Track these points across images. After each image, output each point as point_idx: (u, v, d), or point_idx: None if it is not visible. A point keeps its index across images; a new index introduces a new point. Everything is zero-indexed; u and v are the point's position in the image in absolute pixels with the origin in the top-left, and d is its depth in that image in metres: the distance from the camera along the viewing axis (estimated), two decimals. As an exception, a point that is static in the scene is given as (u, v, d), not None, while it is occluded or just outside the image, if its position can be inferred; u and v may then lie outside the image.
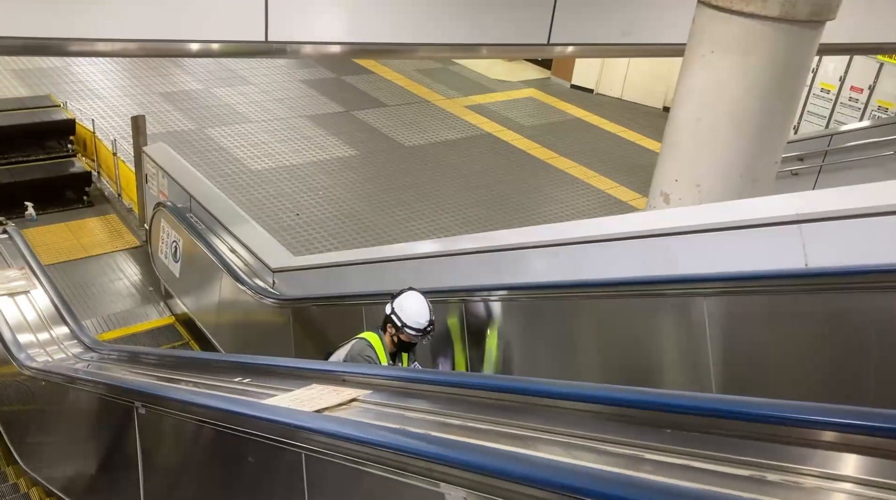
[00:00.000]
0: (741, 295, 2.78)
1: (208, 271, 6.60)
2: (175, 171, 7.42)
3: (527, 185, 10.75)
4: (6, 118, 8.76)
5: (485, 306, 3.94)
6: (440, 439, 1.78)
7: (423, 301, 3.76)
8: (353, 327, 4.74)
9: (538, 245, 3.72)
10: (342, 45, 4.77)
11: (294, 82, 13.60)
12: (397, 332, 3.78)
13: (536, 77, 15.43)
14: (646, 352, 3.25)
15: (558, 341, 3.59)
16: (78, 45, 4.17)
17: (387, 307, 3.83)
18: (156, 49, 4.32)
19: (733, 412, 1.60)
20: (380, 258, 4.91)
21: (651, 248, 3.24)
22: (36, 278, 5.85)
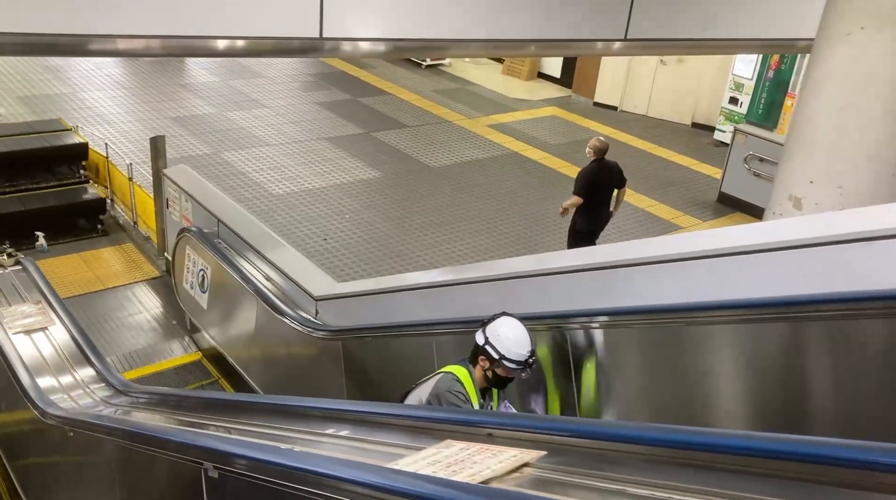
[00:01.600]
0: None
1: (241, 300, 6.02)
2: (200, 193, 6.87)
3: (562, 205, 10.18)
4: (15, 143, 8.23)
5: (586, 335, 3.36)
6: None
7: (522, 328, 3.18)
8: (422, 361, 4.16)
9: (662, 260, 3.15)
10: (404, 42, 4.25)
11: (310, 105, 13.12)
12: (492, 365, 3.20)
13: (557, 95, 14.98)
14: (814, 390, 2.67)
15: (687, 375, 3.01)
16: (111, 42, 3.63)
17: (478, 337, 3.25)
18: (200, 48, 3.79)
19: None
20: (448, 282, 4.34)
21: (817, 259, 2.68)
22: (54, 312, 5.27)
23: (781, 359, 2.75)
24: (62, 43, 3.49)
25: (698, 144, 12.78)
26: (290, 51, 4.13)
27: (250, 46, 3.97)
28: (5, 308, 5.25)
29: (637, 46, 4.77)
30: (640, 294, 3.21)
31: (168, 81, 13.59)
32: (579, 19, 4.54)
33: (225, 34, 3.92)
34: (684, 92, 13.60)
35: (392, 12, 4.20)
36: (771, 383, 2.76)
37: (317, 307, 5.47)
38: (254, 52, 4.15)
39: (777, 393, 2.77)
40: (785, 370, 2.73)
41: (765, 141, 9.93)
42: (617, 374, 3.20)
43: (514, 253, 8.72)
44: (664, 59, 13.68)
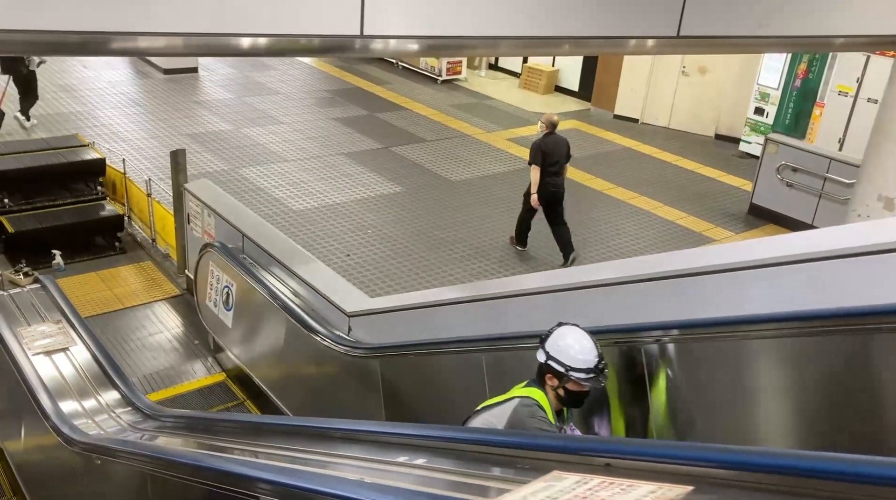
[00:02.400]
0: None
1: (268, 318, 5.76)
2: (223, 208, 6.64)
3: (589, 217, 9.93)
4: (31, 159, 8.03)
5: (663, 349, 3.07)
6: None
7: (583, 334, 2.91)
8: (471, 379, 3.88)
9: (746, 266, 2.87)
10: (449, 40, 4.00)
11: (326, 120, 12.93)
12: (561, 382, 2.92)
13: (576, 108, 14.76)
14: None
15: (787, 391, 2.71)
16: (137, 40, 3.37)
17: (539, 355, 2.97)
18: (236, 46, 3.54)
19: None
20: (497, 294, 4.06)
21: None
22: (75, 332, 5.02)
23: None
24: (94, 41, 3.21)
25: (723, 156, 12.51)
26: (331, 49, 3.87)
27: (289, 45, 3.72)
28: (24, 328, 5.00)
29: (690, 44, 4.51)
30: (722, 304, 2.93)
31: (183, 98, 13.44)
32: (631, 15, 4.29)
33: (264, 32, 3.67)
34: (707, 103, 13.36)
35: (436, 8, 3.95)
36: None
37: (349, 324, 5.20)
38: (293, 50, 3.91)
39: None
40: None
41: (798, 150, 9.65)
42: (701, 392, 2.91)
43: (543, 267, 8.45)
44: (686, 70, 13.46)
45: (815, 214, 9.47)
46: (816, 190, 9.42)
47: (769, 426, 2.69)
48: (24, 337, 4.88)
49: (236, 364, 6.24)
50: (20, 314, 5.21)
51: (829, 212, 9.25)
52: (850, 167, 9.12)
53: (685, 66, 13.44)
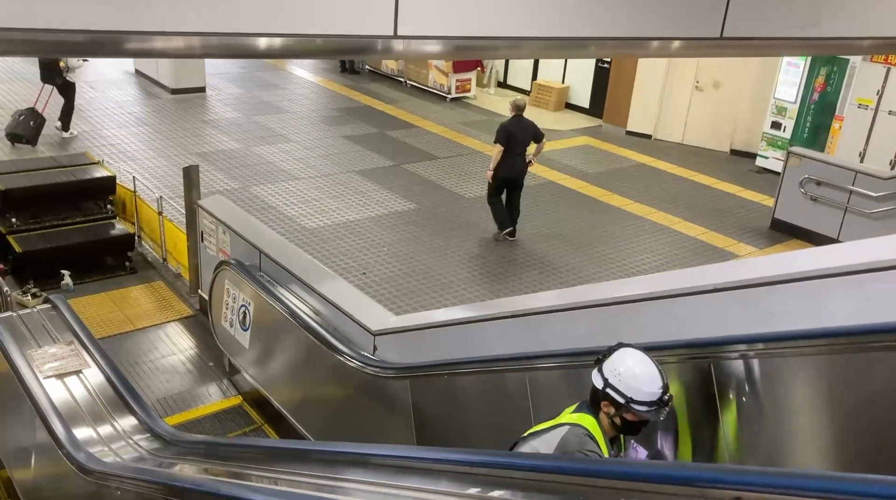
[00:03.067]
0: None
1: (287, 338, 5.52)
2: (239, 224, 6.42)
3: (608, 233, 9.71)
4: (40, 178, 7.83)
5: (735, 365, 2.83)
6: None
7: (647, 361, 2.67)
8: (513, 400, 3.63)
9: (826, 274, 2.64)
10: (483, 40, 3.79)
11: (337, 138, 12.77)
12: (619, 411, 2.67)
13: (588, 125, 14.60)
14: None
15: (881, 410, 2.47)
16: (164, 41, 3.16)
17: (595, 379, 2.73)
18: (261, 48, 3.33)
19: None
20: (537, 309, 3.82)
21: None
22: (88, 354, 4.78)
23: None
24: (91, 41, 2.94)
25: (740, 171, 12.31)
26: (363, 50, 3.67)
27: (320, 45, 3.50)
28: (35, 351, 4.76)
29: (734, 46, 4.32)
30: (799, 316, 2.70)
31: (191, 118, 13.30)
32: (672, 15, 4.09)
33: (293, 32, 3.44)
34: (721, 118, 13.19)
35: (475, 8, 3.75)
36: None
37: (375, 343, 4.96)
38: (324, 51, 3.70)
39: None
40: None
41: (822, 163, 9.45)
42: (787, 412, 2.66)
43: (565, 284, 8.21)
44: (699, 85, 13.32)
45: (840, 228, 9.25)
46: (842, 203, 9.20)
47: (872, 449, 2.44)
48: (35, 360, 4.65)
49: (253, 387, 5.99)
50: (30, 336, 4.98)
51: (856, 226, 9.03)
52: (877, 180, 8.92)
53: (699, 80, 13.29)
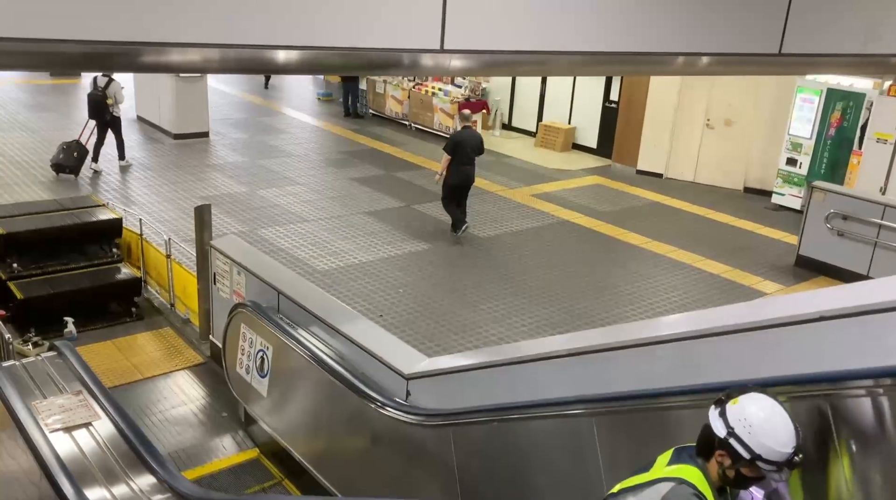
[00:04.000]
0: None
1: (310, 384, 5.14)
2: (255, 265, 6.09)
3: (630, 271, 9.40)
4: (44, 221, 7.51)
5: (852, 405, 2.48)
6: None
7: (783, 414, 2.30)
8: (580, 449, 3.26)
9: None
10: (532, 55, 3.53)
11: (344, 180, 12.53)
12: (737, 464, 2.31)
13: (596, 165, 14.42)
14: None
15: None
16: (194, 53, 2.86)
17: (715, 424, 2.35)
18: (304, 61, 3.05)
19: None
20: (601, 346, 3.47)
21: None
22: (98, 404, 4.39)
23: None
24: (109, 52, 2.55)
25: (756, 209, 12.08)
26: (407, 65, 3.40)
27: (360, 60, 3.23)
28: (40, 402, 4.38)
29: (792, 63, 4.08)
30: None
31: (195, 162, 13.07)
32: (730, 30, 3.86)
33: (331, 45, 3.16)
34: (734, 156, 13.02)
35: (522, 21, 3.49)
36: None
37: (408, 388, 4.59)
38: (364, 66, 3.43)
39: None
40: None
41: (848, 197, 9.20)
42: None
43: (590, 324, 7.86)
44: (710, 123, 13.18)
45: (870, 264, 8.96)
46: (871, 238, 8.93)
47: None
48: (40, 412, 4.26)
49: (272, 438, 5.57)
50: (35, 386, 4.59)
51: (887, 261, 8.74)
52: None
53: (709, 118, 13.15)
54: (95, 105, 11.80)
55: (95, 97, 11.78)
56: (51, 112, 15.93)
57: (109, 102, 11.75)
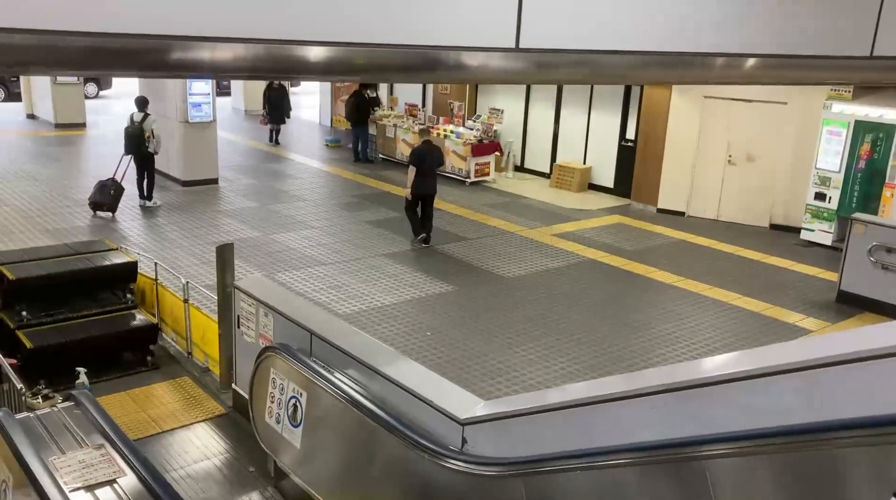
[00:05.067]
0: None
1: (350, 432, 4.69)
2: (283, 305, 5.69)
3: (664, 310, 8.99)
4: (55, 265, 7.12)
5: None
6: None
7: None
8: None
9: None
10: (617, 55, 3.20)
11: (359, 223, 12.20)
12: None
13: (615, 204, 14.12)
14: None
15: None
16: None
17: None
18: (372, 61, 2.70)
19: None
20: (696, 381, 3.05)
21: None
22: (123, 458, 3.94)
23: None
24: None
25: (784, 245, 11.73)
26: (477, 69, 3.06)
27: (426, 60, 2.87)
28: (58, 458, 3.92)
29: (885, 67, 3.76)
30: None
31: (205, 208, 12.76)
32: (818, 31, 3.55)
33: (393, 42, 2.78)
34: (758, 192, 12.72)
35: (610, 17, 3.16)
36: None
37: (464, 434, 4.15)
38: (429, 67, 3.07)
39: None
40: None
41: (891, 229, 8.84)
42: None
43: (632, 366, 7.42)
44: (732, 159, 12.91)
45: (918, 297, 8.57)
46: (918, 270, 8.56)
47: None
48: (59, 469, 3.81)
49: (306, 493, 5.08)
50: (51, 440, 4.14)
51: (936, 294, 8.35)
52: (957, 243, 8.32)
53: (731, 155, 12.90)
54: (133, 140, 12.08)
55: (133, 132, 12.07)
56: (57, 162, 15.69)
57: (147, 135, 12.06)
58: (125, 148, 12.27)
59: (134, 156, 12.23)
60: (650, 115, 13.51)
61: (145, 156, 12.28)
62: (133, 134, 12.12)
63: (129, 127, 12.19)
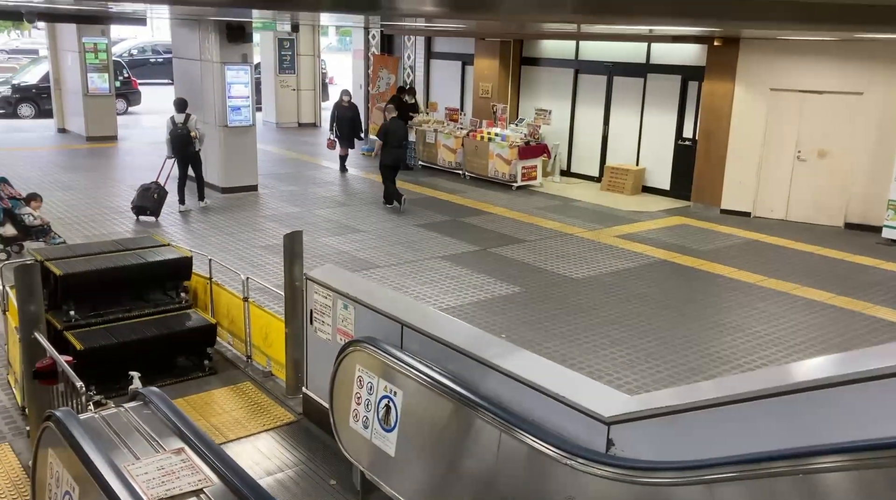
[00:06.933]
0: None
1: (458, 436, 4.01)
2: (366, 295, 5.04)
3: (758, 310, 8.24)
4: (104, 261, 6.53)
5: None
6: None
7: None
8: None
9: None
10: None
11: (409, 226, 11.57)
12: None
13: (673, 206, 13.40)
14: None
15: None
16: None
17: None
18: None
19: None
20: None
21: None
22: (207, 464, 3.30)
23: None
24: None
25: (866, 245, 10.94)
26: None
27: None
28: (132, 465, 3.28)
29: None
30: None
31: (248, 214, 12.21)
32: None
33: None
34: (831, 190, 11.95)
35: None
36: None
37: (609, 435, 3.46)
38: None
39: None
40: None
41: None
42: None
43: (737, 368, 6.69)
44: (802, 155, 12.17)
45: None
46: None
47: None
48: (136, 477, 3.16)
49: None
50: (121, 443, 3.51)
51: None
52: None
53: (800, 151, 12.16)
54: (180, 141, 11.89)
55: (178, 134, 11.88)
56: (91, 172, 15.26)
57: (193, 135, 11.89)
58: (170, 152, 12.01)
59: (181, 158, 11.99)
60: (711, 111, 12.82)
61: (193, 157, 12.08)
62: (181, 135, 11.87)
63: (173, 130, 11.89)
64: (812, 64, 11.71)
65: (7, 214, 9.44)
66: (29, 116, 22.51)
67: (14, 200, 9.68)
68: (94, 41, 18.04)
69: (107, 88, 18.68)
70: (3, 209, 9.39)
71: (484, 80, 16.93)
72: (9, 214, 9.45)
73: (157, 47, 32.50)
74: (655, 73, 14.04)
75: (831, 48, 11.43)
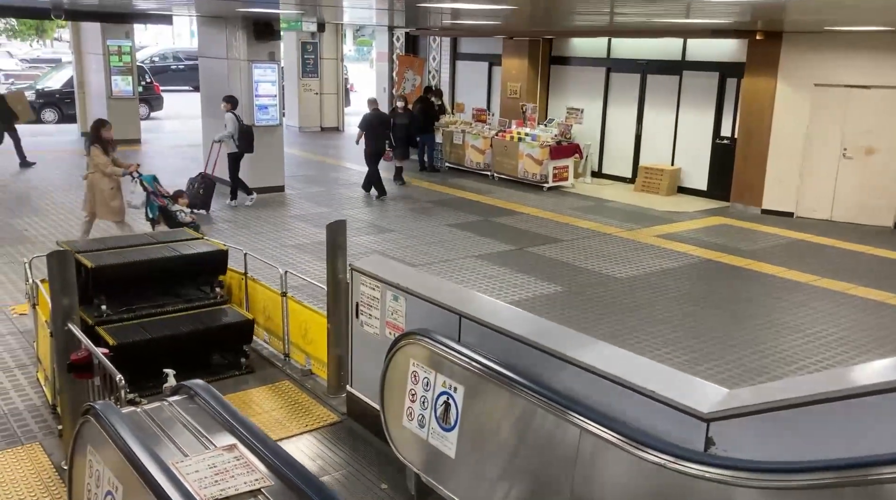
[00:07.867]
0: None
1: (532, 434, 3.67)
2: (418, 285, 4.71)
3: (815, 311, 7.83)
4: (137, 255, 6.26)
5: None
6: None
7: None
8: None
9: None
10: None
11: (440, 226, 11.26)
12: None
13: (712, 207, 12.98)
14: None
15: None
16: None
17: None
18: None
19: None
20: None
21: None
22: (263, 462, 2.98)
23: None
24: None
25: (918, 244, 10.50)
26: None
27: None
28: (181, 462, 2.97)
29: None
30: None
31: (276, 214, 11.96)
32: None
33: None
34: (879, 189, 11.50)
35: None
36: None
37: (708, 432, 3.10)
38: None
39: None
40: None
41: None
42: None
43: (804, 369, 6.30)
44: (848, 152, 11.73)
45: None
46: None
47: None
48: (187, 476, 2.85)
49: (464, 515, 4.05)
50: (168, 439, 3.20)
51: None
52: None
53: (846, 148, 11.73)
54: (249, 137, 12.15)
55: (249, 130, 12.17)
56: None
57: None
58: (245, 148, 12.14)
59: (245, 154, 12.19)
60: (752, 108, 12.42)
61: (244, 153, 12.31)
62: (250, 132, 12.12)
63: (243, 126, 12.04)
64: (859, 57, 11.29)
65: (162, 212, 9.60)
66: (52, 121, 22.46)
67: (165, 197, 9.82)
68: (118, 44, 17.93)
69: (130, 91, 18.56)
70: (159, 207, 9.56)
71: (512, 80, 16.62)
72: (164, 211, 9.61)
73: (179, 54, 32.52)
74: (692, 71, 13.66)
75: (880, 40, 10.99)
